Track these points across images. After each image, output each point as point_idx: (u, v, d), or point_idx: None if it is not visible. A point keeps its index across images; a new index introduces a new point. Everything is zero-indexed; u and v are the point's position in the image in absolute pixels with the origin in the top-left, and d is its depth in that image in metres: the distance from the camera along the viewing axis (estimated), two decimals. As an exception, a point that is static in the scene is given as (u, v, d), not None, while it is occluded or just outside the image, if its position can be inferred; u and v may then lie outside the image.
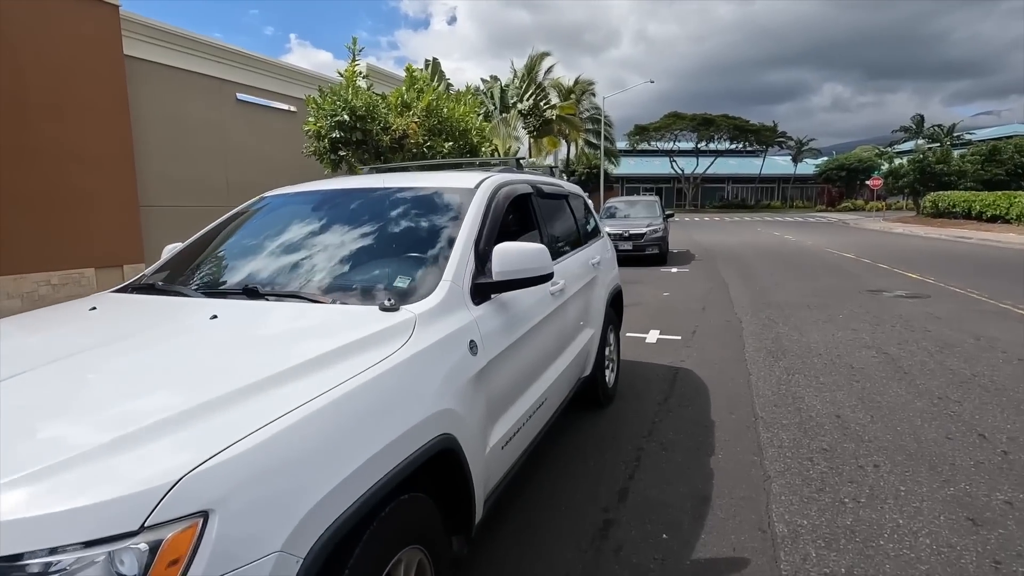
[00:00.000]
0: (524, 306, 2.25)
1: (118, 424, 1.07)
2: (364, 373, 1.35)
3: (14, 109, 8.08)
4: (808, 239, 19.14)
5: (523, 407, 2.20)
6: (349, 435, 1.25)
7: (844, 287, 8.87)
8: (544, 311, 2.48)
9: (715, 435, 3.41)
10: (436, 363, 1.60)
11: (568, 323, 2.92)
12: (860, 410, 3.76)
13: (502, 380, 2.00)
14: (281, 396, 1.20)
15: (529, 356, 2.29)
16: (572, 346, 3.02)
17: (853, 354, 5.09)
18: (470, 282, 1.94)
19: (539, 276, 1.97)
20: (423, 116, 9.34)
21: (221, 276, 2.17)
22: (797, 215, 41.49)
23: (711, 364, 4.88)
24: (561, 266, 2.91)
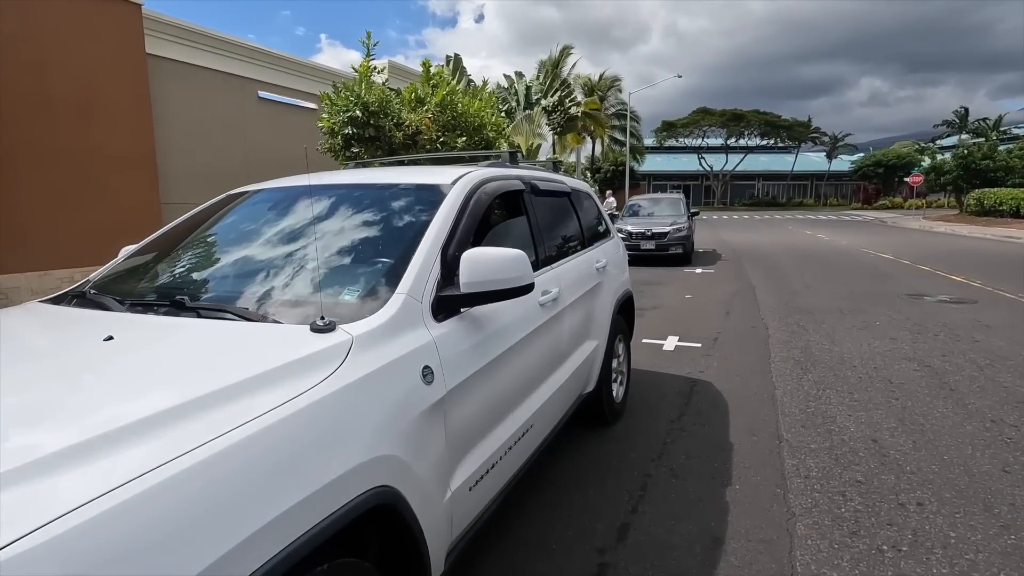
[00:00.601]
0: (504, 321, 1.95)
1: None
2: (266, 416, 1.07)
3: (38, 108, 8.13)
4: (842, 238, 18.31)
5: (500, 438, 1.89)
6: (237, 498, 0.97)
7: (881, 291, 8.31)
8: (531, 325, 2.17)
9: (733, 460, 3.05)
10: (373, 397, 1.31)
11: (564, 336, 2.60)
12: (900, 434, 3.34)
13: (470, 410, 1.70)
14: (146, 449, 0.93)
15: (510, 378, 1.99)
16: (570, 361, 2.70)
17: (891, 367, 4.63)
18: (433, 295, 1.65)
19: (515, 288, 1.67)
20: (437, 111, 9.09)
21: (155, 284, 1.91)
22: (831, 213, 40.09)
23: (732, 376, 4.50)
24: (556, 272, 2.59)
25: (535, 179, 2.67)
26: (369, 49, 9.57)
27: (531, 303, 2.20)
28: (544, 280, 2.42)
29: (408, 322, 1.53)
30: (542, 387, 2.34)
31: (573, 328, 2.73)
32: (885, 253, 13.47)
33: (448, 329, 1.64)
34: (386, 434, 1.30)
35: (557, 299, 2.46)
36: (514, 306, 1.98)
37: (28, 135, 8.02)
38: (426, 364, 1.48)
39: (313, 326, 1.36)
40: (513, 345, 1.99)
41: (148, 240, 2.28)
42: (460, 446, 1.65)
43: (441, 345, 1.58)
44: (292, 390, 1.15)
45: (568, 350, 2.68)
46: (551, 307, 2.39)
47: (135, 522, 0.84)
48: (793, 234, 21.14)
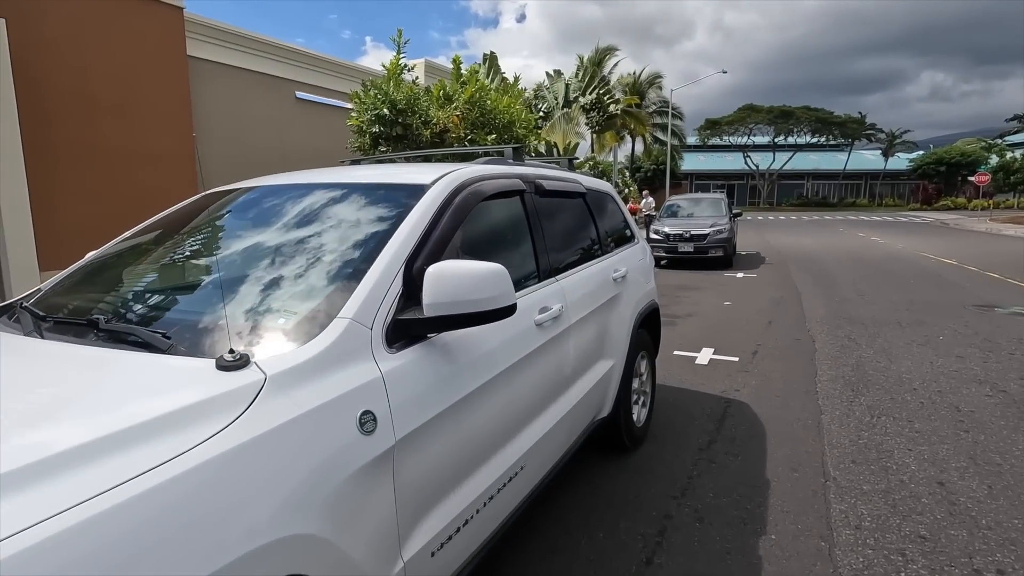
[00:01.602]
0: (488, 346, 1.64)
1: None
2: (131, 484, 0.81)
3: (84, 109, 8.34)
4: (899, 242, 17.15)
5: (478, 488, 1.58)
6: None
7: (945, 300, 7.57)
8: (523, 349, 1.85)
9: (769, 502, 2.64)
10: (283, 457, 1.02)
11: (570, 357, 2.27)
12: (972, 476, 2.86)
13: (434, 459, 1.39)
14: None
15: (492, 413, 1.67)
16: (578, 385, 2.36)
17: (959, 391, 4.08)
18: (390, 318, 1.35)
19: (490, 311, 1.36)
20: (465, 109, 8.85)
21: (85, 300, 1.67)
22: (887, 214, 37.98)
23: (772, 396, 4.05)
24: (562, 284, 2.26)
25: (540, 178, 2.34)
26: (400, 47, 9.42)
27: (525, 323, 1.88)
28: (544, 295, 2.10)
29: (350, 354, 1.23)
30: (538, 420, 2.01)
31: (582, 347, 2.39)
32: (948, 258, 12.46)
33: (405, 361, 1.34)
34: (299, 506, 1.01)
35: (560, 316, 2.13)
36: (502, 328, 1.67)
37: (72, 135, 8.22)
38: (366, 409, 1.19)
39: (219, 362, 1.09)
40: (499, 374, 1.68)
41: (110, 244, 2.07)
42: (418, 505, 1.35)
43: (393, 383, 1.28)
44: (156, 455, 0.88)
45: (576, 373, 2.34)
46: (551, 326, 2.06)
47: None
48: (845, 236, 19.98)
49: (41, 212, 7.82)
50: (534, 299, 2.02)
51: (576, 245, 2.63)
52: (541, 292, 2.10)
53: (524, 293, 1.98)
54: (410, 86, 8.88)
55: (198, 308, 1.40)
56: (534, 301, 2.01)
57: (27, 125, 7.52)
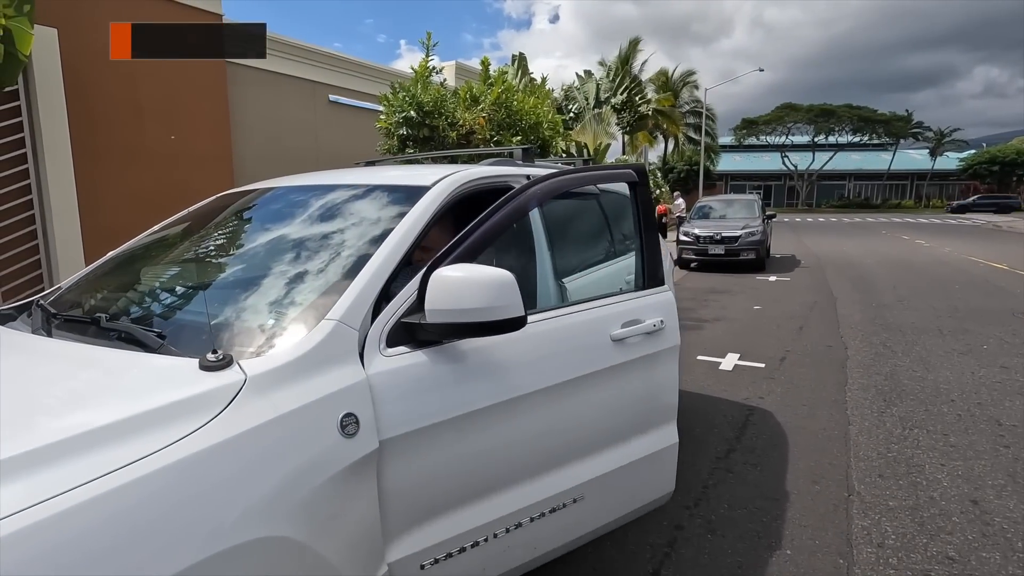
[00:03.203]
0: (522, 358, 1.57)
1: None
2: (95, 484, 0.82)
3: (130, 114, 8.70)
4: (946, 245, 16.40)
5: (491, 512, 1.51)
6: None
7: (991, 307, 7.19)
8: (586, 367, 1.74)
9: (787, 516, 2.54)
10: (258, 459, 1.02)
11: (664, 387, 2.08)
12: (1010, 495, 2.69)
13: (429, 469, 1.36)
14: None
15: (521, 435, 1.59)
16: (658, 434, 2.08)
17: (1001, 403, 3.86)
18: (394, 320, 1.34)
19: (494, 322, 1.30)
20: (492, 110, 8.86)
21: (93, 298, 1.72)
22: (934, 216, 36.39)
23: (798, 405, 3.91)
24: (661, 297, 2.08)
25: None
26: (429, 49, 9.51)
27: (596, 338, 1.79)
28: (637, 306, 1.97)
29: (335, 356, 1.23)
30: (604, 455, 1.84)
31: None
32: (998, 263, 11.84)
33: (404, 364, 1.32)
34: (273, 508, 1.01)
35: (658, 334, 2.00)
36: (555, 339, 1.67)
37: (118, 138, 8.56)
38: (348, 411, 1.18)
39: (202, 362, 1.10)
40: (540, 391, 1.59)
41: (127, 244, 2.14)
42: (410, 512, 1.33)
43: (383, 385, 1.27)
44: (124, 455, 0.89)
45: (662, 416, 2.10)
46: (641, 344, 1.90)
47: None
48: (887, 239, 19.22)
49: (88, 212, 8.19)
50: (615, 311, 1.86)
51: (589, 249, 2.58)
52: (633, 303, 1.94)
53: (602, 303, 1.84)
54: (437, 88, 8.95)
55: (194, 308, 1.42)
56: (612, 313, 1.85)
57: (76, 130, 7.88)
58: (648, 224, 2.16)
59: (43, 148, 7.54)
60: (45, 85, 7.42)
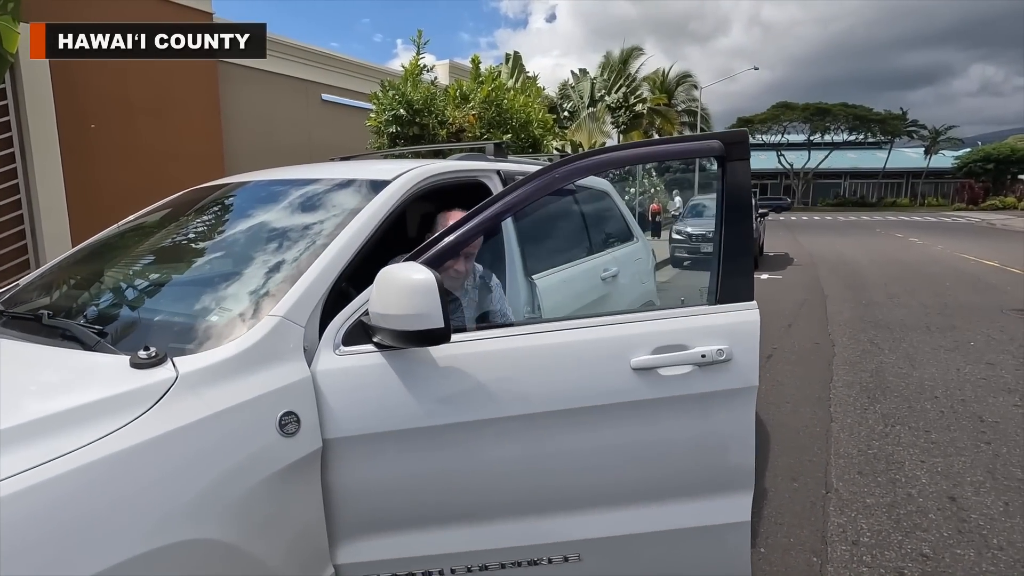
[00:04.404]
0: (504, 374, 1.36)
1: None
2: (9, 482, 0.80)
3: (121, 112, 8.65)
4: (939, 243, 16.43)
5: (461, 543, 1.37)
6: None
7: (981, 304, 7.19)
8: (587, 399, 1.40)
9: (764, 513, 2.53)
10: (185, 459, 0.99)
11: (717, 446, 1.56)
12: (988, 491, 2.67)
13: (387, 477, 1.31)
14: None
15: (505, 467, 1.40)
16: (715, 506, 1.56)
17: (985, 400, 3.85)
18: (353, 320, 1.30)
19: (412, 332, 1.18)
20: (482, 108, 8.84)
21: (43, 296, 1.68)
22: (929, 214, 36.49)
23: (782, 403, 3.89)
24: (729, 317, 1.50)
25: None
26: (419, 47, 9.47)
27: (612, 365, 1.40)
28: (685, 325, 1.49)
29: (278, 353, 1.20)
30: (617, 512, 1.49)
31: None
32: (990, 260, 11.86)
33: (358, 364, 1.27)
34: (200, 510, 0.98)
35: (721, 367, 1.47)
36: (562, 361, 1.40)
37: (113, 137, 8.49)
38: (288, 410, 1.15)
39: (133, 359, 1.07)
40: (530, 416, 1.36)
41: (86, 242, 2.11)
42: (357, 516, 1.29)
43: (330, 385, 1.23)
44: (39, 454, 0.86)
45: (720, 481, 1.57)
46: (681, 382, 1.44)
47: None
48: (882, 237, 19.26)
49: (77, 210, 8.13)
50: (642, 330, 1.45)
51: (559, 246, 2.55)
52: (677, 323, 1.47)
53: (620, 320, 1.48)
54: (427, 86, 8.92)
55: (141, 305, 1.39)
56: (636, 333, 1.44)
57: (64, 128, 7.81)
58: (735, 217, 1.54)
59: (31, 146, 7.48)
60: (33, 83, 7.35)
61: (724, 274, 1.52)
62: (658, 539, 1.50)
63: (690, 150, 1.67)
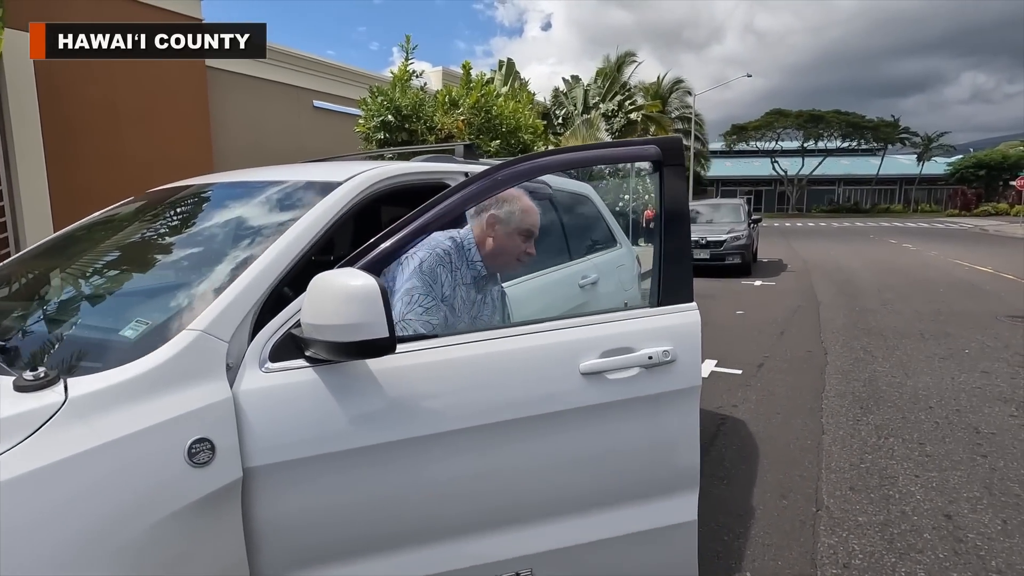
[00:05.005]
0: (456, 385, 1.29)
1: None
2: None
3: (107, 119, 8.53)
4: (933, 249, 16.41)
5: (416, 567, 1.28)
6: None
7: (975, 311, 7.10)
8: (532, 408, 1.35)
9: (750, 533, 2.40)
10: (65, 496, 0.86)
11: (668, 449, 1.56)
12: (985, 508, 2.55)
13: (321, 506, 1.19)
14: None
15: (454, 482, 1.32)
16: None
17: (981, 410, 3.74)
18: (282, 332, 1.18)
19: (354, 343, 1.08)
20: (471, 114, 8.75)
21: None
22: (922, 220, 36.60)
23: (772, 414, 3.77)
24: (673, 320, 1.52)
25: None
26: (408, 52, 9.39)
27: (560, 369, 1.37)
28: (639, 327, 1.49)
29: (194, 372, 1.07)
30: (573, 522, 1.44)
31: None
32: (984, 266, 11.81)
33: (287, 383, 1.14)
34: (84, 553, 0.86)
35: (664, 368, 1.48)
36: (504, 367, 1.34)
37: (99, 144, 8.36)
38: (200, 436, 1.02)
39: (18, 381, 0.94)
40: (477, 428, 1.29)
41: (19, 254, 1.97)
42: (286, 550, 1.16)
43: (255, 406, 1.11)
44: None
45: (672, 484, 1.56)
46: (628, 384, 1.42)
47: None
48: (875, 243, 19.25)
49: (62, 218, 7.97)
50: (589, 335, 1.41)
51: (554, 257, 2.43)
52: (623, 326, 1.45)
53: (567, 324, 1.42)
54: (416, 92, 8.83)
55: (49, 319, 1.27)
56: (584, 338, 1.40)
57: (49, 135, 7.66)
58: (673, 221, 1.59)
59: (15, 154, 7.34)
60: (17, 90, 7.22)
61: (665, 277, 1.56)
62: (608, 546, 1.48)
63: (629, 155, 1.69)
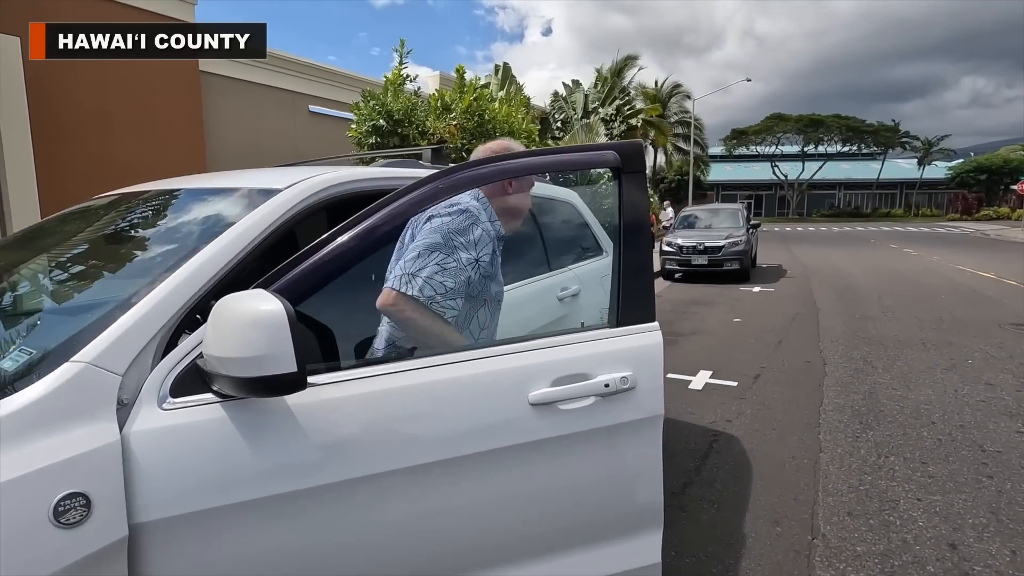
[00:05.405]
0: (391, 415, 1.15)
1: None
2: None
3: (99, 124, 8.42)
4: (934, 254, 16.24)
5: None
6: None
7: (978, 318, 6.93)
8: (478, 443, 1.22)
9: (740, 565, 2.23)
10: None
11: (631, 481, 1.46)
12: (992, 536, 2.39)
13: (229, 562, 1.03)
14: None
15: (385, 532, 1.17)
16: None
17: (985, 426, 3.57)
18: (186, 363, 1.03)
19: (257, 379, 0.94)
20: (464, 118, 8.62)
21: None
22: (923, 224, 36.45)
23: (767, 429, 3.60)
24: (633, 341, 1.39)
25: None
26: (402, 56, 9.28)
27: (507, 398, 1.25)
28: (601, 353, 1.35)
29: (75, 412, 0.92)
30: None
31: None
32: (986, 272, 11.64)
33: (189, 422, 0.99)
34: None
35: (622, 396, 1.36)
36: (439, 395, 1.21)
37: (91, 149, 8.25)
38: (72, 491, 0.87)
39: None
40: (383, 475, 1.13)
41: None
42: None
43: (149, 449, 0.96)
44: None
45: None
46: (586, 414, 1.30)
47: None
48: (876, 248, 19.08)
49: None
50: (539, 360, 1.29)
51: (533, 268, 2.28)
52: (578, 349, 1.33)
53: (515, 348, 1.29)
54: (408, 96, 8.70)
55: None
56: (533, 364, 1.28)
57: (39, 139, 7.53)
58: (633, 233, 1.43)
59: (4, 158, 7.21)
60: (7, 94, 7.10)
61: (624, 295, 1.41)
62: None
63: (585, 160, 1.55)
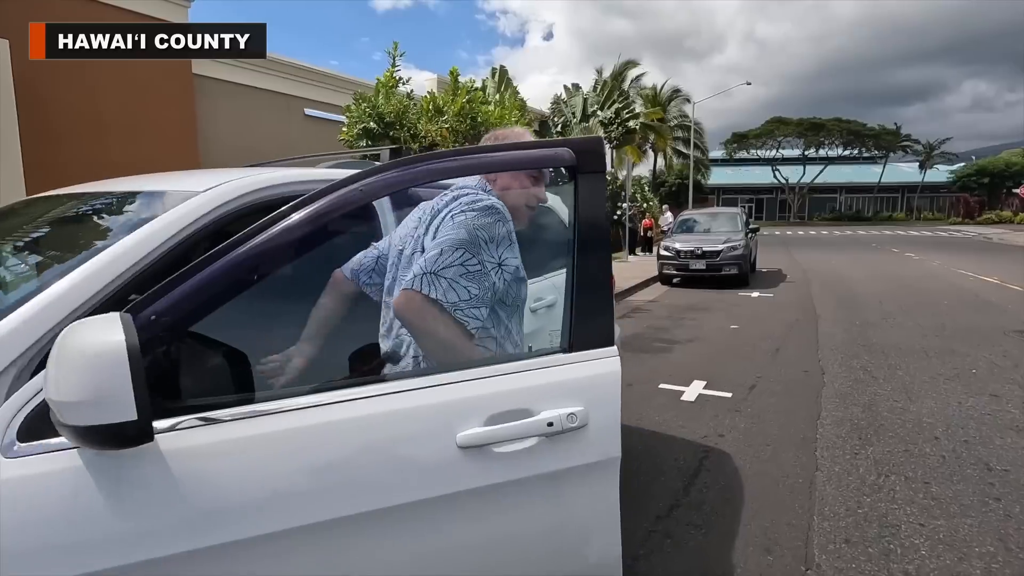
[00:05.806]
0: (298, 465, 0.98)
1: None
2: None
3: (91, 128, 8.30)
4: (936, 258, 16.04)
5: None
6: None
7: (983, 325, 6.74)
8: (402, 495, 1.05)
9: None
10: None
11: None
12: (1002, 567, 2.21)
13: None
14: None
15: None
16: None
17: (991, 441, 3.39)
18: (37, 401, 0.87)
19: (88, 428, 0.77)
20: (456, 121, 8.47)
21: None
22: (925, 228, 36.24)
23: (761, 445, 3.43)
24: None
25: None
26: (395, 59, 9.14)
27: (435, 441, 1.07)
28: (551, 386, 1.18)
29: None
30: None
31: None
32: (989, 276, 11.44)
33: (40, 472, 0.82)
34: None
35: (572, 435, 1.18)
36: (346, 436, 1.04)
37: (84, 154, 8.12)
38: None
39: None
40: (278, 534, 0.96)
41: None
42: None
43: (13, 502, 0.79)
44: None
45: None
46: (527, 458, 1.13)
47: None
48: (877, 252, 18.89)
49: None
50: (472, 394, 1.11)
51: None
52: (517, 379, 1.16)
53: (442, 380, 1.10)
54: (400, 99, 8.57)
55: None
56: (463, 398, 1.10)
57: (28, 144, 7.39)
58: (589, 241, 1.22)
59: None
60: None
61: (578, 314, 1.21)
62: None
63: (536, 158, 1.37)
